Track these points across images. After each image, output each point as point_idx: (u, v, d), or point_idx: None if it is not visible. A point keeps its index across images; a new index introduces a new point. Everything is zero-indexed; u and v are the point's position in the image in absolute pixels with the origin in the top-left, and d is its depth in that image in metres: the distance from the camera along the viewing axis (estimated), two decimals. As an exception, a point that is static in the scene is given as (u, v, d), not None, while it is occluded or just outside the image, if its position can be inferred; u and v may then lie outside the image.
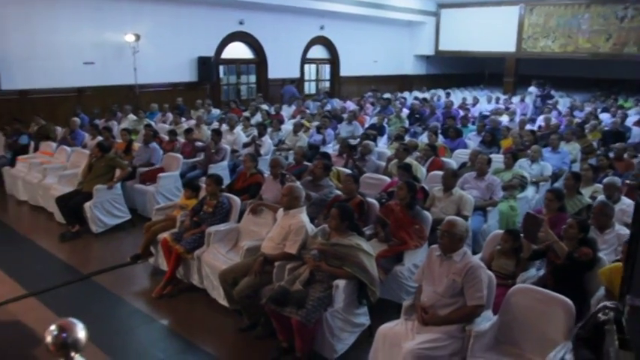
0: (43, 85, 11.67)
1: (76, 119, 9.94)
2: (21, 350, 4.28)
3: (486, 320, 3.58)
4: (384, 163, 7.63)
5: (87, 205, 6.88)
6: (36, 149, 9.37)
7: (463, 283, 3.55)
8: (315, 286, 4.11)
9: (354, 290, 4.23)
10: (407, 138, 9.39)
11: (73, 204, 6.91)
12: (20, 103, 11.41)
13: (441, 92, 19.22)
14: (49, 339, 1.34)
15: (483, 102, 16.43)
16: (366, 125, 11.62)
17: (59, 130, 10.14)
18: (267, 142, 9.28)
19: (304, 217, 4.75)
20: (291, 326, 3.94)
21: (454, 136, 9.42)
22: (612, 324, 2.35)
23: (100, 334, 4.48)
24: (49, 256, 6.33)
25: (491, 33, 20.11)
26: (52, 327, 1.35)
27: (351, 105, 14.78)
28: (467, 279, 3.54)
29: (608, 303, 2.64)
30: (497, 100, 16.37)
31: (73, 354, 1.34)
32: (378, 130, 10.87)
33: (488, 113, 13.42)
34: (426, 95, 17.94)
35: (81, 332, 1.37)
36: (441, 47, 22.01)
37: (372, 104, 15.37)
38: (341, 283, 4.08)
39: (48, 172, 8.02)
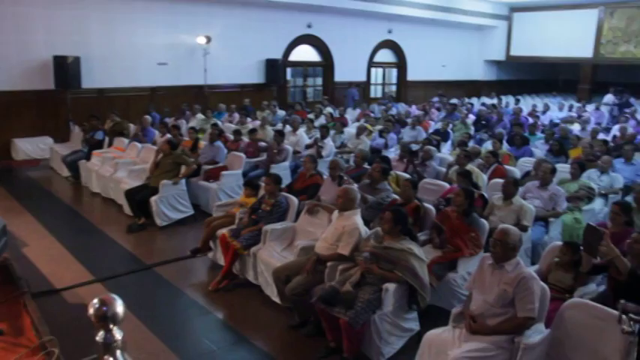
0: (119, 84, 12.32)
1: (148, 117, 10.42)
2: (85, 332, 4.53)
3: (537, 333, 3.49)
4: (445, 169, 7.55)
5: (153, 199, 7.19)
6: (110, 145, 9.89)
7: (514, 294, 3.47)
8: (365, 288, 4.13)
9: (404, 295, 4.23)
10: (471, 144, 9.22)
11: (140, 197, 7.25)
12: (98, 100, 12.08)
13: (511, 99, 18.73)
14: (91, 311, 1.45)
15: (555, 109, 15.87)
16: (430, 130, 11.50)
17: (132, 127, 10.63)
18: (329, 145, 9.36)
19: (358, 220, 4.79)
20: (340, 326, 3.98)
21: (520, 144, 9.17)
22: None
23: (158, 322, 4.70)
24: (117, 246, 6.68)
25: (566, 37, 19.37)
26: (95, 301, 1.46)
27: (415, 110, 14.66)
28: (518, 289, 3.47)
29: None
30: (571, 107, 15.77)
31: (111, 326, 1.44)
32: (442, 135, 10.75)
33: (558, 121, 12.97)
34: (494, 101, 17.51)
35: (119, 307, 1.48)
36: (513, 52, 21.44)
37: (438, 109, 15.18)
38: (391, 286, 4.09)
39: (119, 166, 8.44)
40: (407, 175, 6.79)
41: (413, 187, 5.60)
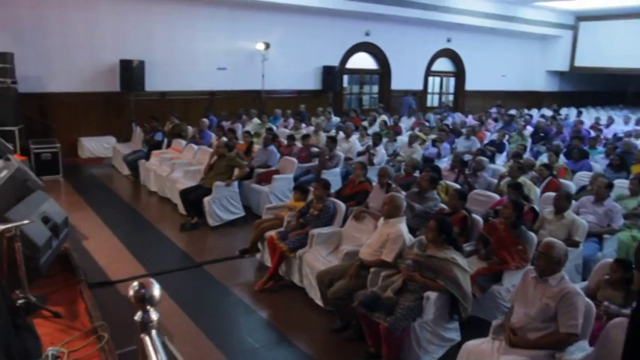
0: (179, 87, 12.80)
1: (205, 120, 10.75)
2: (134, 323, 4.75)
3: (580, 351, 3.41)
4: (496, 181, 7.44)
5: (206, 199, 7.42)
6: (168, 146, 10.27)
7: (557, 309, 3.42)
8: (406, 295, 4.15)
9: (446, 304, 4.22)
10: (527, 156, 9.03)
11: (194, 197, 7.49)
12: (159, 103, 12.57)
13: (573, 111, 18.17)
14: (131, 292, 1.58)
15: (620, 123, 15.28)
16: (486, 141, 11.32)
17: (190, 129, 10.99)
18: (381, 152, 9.38)
19: (403, 227, 4.81)
20: (380, 332, 4.02)
21: (578, 158, 8.90)
22: None
23: (205, 318, 4.87)
24: (170, 243, 6.93)
25: (636, 47, 18.55)
26: (135, 283, 1.58)
27: (471, 120, 14.46)
28: (561, 304, 3.41)
29: None
30: (638, 121, 15.14)
31: (148, 307, 1.56)
32: (497, 147, 10.57)
33: (622, 135, 12.49)
34: (554, 113, 17.02)
35: (156, 290, 1.60)
36: (578, 63, 20.75)
37: (496, 120, 14.91)
38: (432, 295, 4.09)
39: (176, 166, 8.75)
40: (457, 185, 6.74)
41: (462, 198, 5.57)
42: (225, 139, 8.96)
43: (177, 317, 4.89)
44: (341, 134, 10.46)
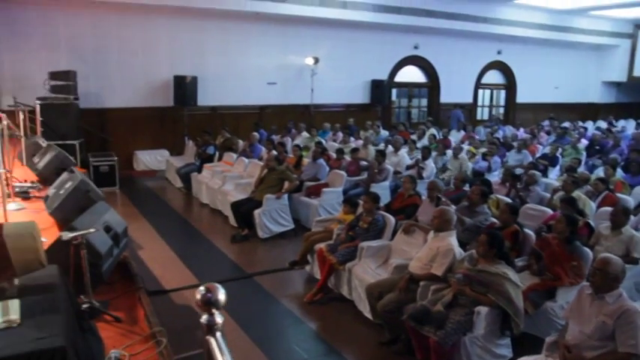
0: (230, 102, 13.11)
1: (256, 134, 10.96)
2: (189, 331, 4.88)
3: (640, 371, 3.31)
4: (549, 195, 7.28)
5: (257, 212, 7.56)
6: (220, 159, 10.53)
7: (615, 327, 3.32)
8: (456, 309, 4.13)
9: (497, 319, 4.17)
10: (581, 170, 8.82)
11: (244, 210, 7.65)
12: (211, 117, 12.91)
13: (631, 122, 17.56)
14: (198, 296, 1.67)
15: (681, 136, 14.64)
16: (538, 155, 11.10)
17: (241, 143, 11.23)
18: (430, 166, 9.33)
19: (453, 241, 4.79)
20: (429, 346, 4.00)
21: (636, 171, 8.61)
22: None
23: (254, 327, 4.96)
24: (221, 254, 7.10)
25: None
26: (201, 288, 1.67)
27: (523, 133, 14.19)
28: (620, 323, 3.31)
29: None
30: (700, 134, 14.50)
31: (213, 310, 1.64)
32: (550, 160, 10.35)
33: (684, 148, 11.99)
34: (610, 125, 16.50)
35: (221, 295, 1.69)
36: (636, 72, 20.00)
37: (548, 133, 14.57)
38: (483, 309, 4.05)
39: (227, 179, 8.96)
40: (508, 200, 6.64)
41: (513, 212, 5.49)
42: (275, 152, 9.12)
43: (227, 325, 4.93)
44: (390, 148, 10.47)
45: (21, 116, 7.43)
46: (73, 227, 3.15)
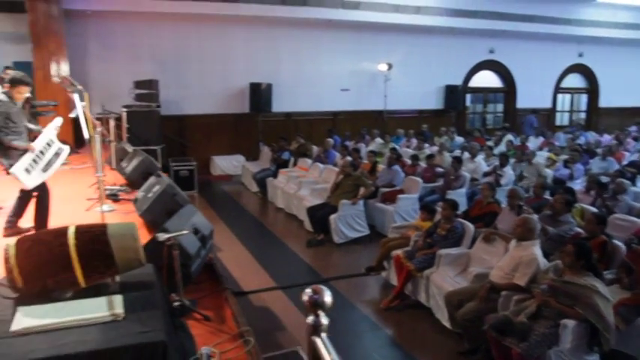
0: (304, 108, 13.33)
1: (330, 140, 11.07)
2: (267, 333, 4.99)
3: None
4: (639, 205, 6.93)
5: (332, 217, 7.63)
6: (295, 164, 10.70)
7: None
8: (540, 321, 4.00)
9: (585, 334, 4.00)
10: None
11: (320, 215, 7.74)
12: (285, 123, 13.18)
13: None
14: (305, 297, 1.73)
15: None
16: (624, 162, 10.57)
17: (315, 148, 11.37)
18: (509, 173, 9.08)
19: (537, 250, 4.65)
20: (511, 357, 3.90)
21: None
22: None
23: (331, 332, 4.97)
24: (296, 258, 7.23)
25: None
26: (308, 289, 1.74)
27: (608, 139, 13.55)
28: None
29: None
30: None
31: (319, 311, 1.69)
32: (638, 168, 9.83)
33: None
34: None
35: (328, 297, 1.73)
36: None
37: (636, 139, 13.85)
38: (570, 323, 3.91)
39: (302, 185, 9.10)
40: (593, 209, 6.37)
41: (601, 222, 5.25)
42: (350, 158, 9.17)
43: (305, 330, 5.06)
44: (466, 154, 10.28)
45: (111, 123, 7.86)
46: (166, 229, 3.31)
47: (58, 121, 4.97)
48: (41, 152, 4.57)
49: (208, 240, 4.16)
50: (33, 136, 4.82)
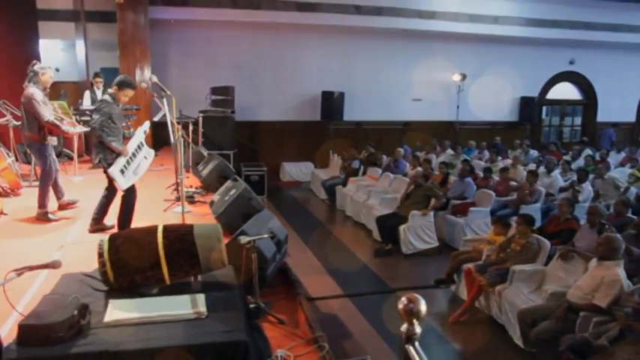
0: (375, 117, 13.29)
1: (400, 150, 11.00)
2: (335, 340, 4.99)
3: None
4: None
5: (402, 227, 7.58)
6: (364, 173, 10.71)
7: None
8: (623, 346, 3.81)
9: (673, 361, 3.79)
10: None
11: (389, 225, 7.71)
12: (355, 132, 13.23)
13: None
14: (400, 306, 1.75)
15: None
16: None
17: (385, 158, 11.33)
18: (587, 190, 8.72)
19: (620, 271, 4.45)
20: (590, 381, 3.75)
21: None
22: None
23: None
24: (364, 266, 7.22)
25: None
26: (403, 298, 1.77)
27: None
28: None
29: None
30: None
31: (414, 320, 1.70)
32: None
33: None
34: None
35: (423, 306, 1.73)
36: None
37: None
38: (656, 349, 3.71)
39: (372, 194, 9.10)
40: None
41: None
42: (420, 169, 9.08)
43: (372, 339, 5.05)
44: (542, 168, 9.95)
45: (190, 127, 8.14)
46: (246, 232, 3.40)
47: (147, 125, 5.20)
48: (133, 155, 4.80)
49: (283, 245, 4.24)
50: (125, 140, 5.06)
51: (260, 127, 12.82)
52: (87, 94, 9.48)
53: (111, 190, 4.97)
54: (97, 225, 5.03)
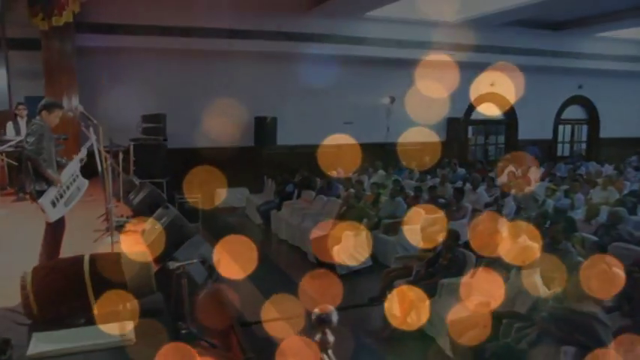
0: (308, 141, 13.43)
1: (333, 172, 11.20)
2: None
3: None
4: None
5: (336, 248, 7.69)
6: (298, 196, 10.81)
7: None
8: (541, 348, 4.05)
9: (585, 360, 4.05)
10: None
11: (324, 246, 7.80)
12: (289, 156, 13.30)
13: None
14: (313, 317, 1.87)
15: None
16: (625, 192, 10.65)
17: (318, 181, 11.49)
18: (510, 204, 9.19)
19: (537, 279, 4.73)
20: (514, 385, 3.95)
21: None
22: None
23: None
24: (299, 288, 7.22)
25: None
26: (316, 309, 1.87)
27: (608, 169, 13.67)
28: None
29: None
30: None
31: (326, 330, 1.85)
32: (639, 197, 9.90)
33: None
34: None
35: (334, 316, 1.87)
36: None
37: (637, 169, 13.96)
38: (570, 349, 3.96)
39: (306, 216, 9.17)
40: (594, 238, 6.45)
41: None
42: (353, 190, 9.28)
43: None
44: (468, 186, 10.39)
45: (121, 156, 8.02)
46: (176, 258, 3.42)
47: (84, 153, 5.07)
48: (67, 187, 4.63)
49: (215, 269, 4.26)
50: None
51: (193, 153, 12.67)
52: (10, 125, 9.13)
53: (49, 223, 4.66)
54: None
